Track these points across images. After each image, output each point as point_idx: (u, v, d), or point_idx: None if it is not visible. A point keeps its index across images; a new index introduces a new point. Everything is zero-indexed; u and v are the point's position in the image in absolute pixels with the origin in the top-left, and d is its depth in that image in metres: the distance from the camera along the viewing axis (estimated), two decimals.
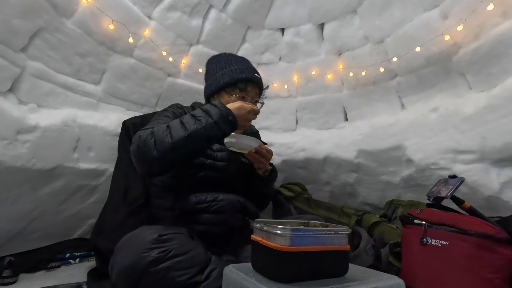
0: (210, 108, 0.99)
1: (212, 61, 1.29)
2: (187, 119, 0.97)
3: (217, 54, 1.33)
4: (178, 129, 0.95)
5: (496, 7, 1.33)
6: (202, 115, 0.97)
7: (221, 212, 1.07)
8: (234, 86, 1.17)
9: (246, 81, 1.17)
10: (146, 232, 0.86)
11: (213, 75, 1.22)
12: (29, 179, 1.28)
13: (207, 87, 1.24)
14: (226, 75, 1.18)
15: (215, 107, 0.99)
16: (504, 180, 1.32)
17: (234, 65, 1.21)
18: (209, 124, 0.95)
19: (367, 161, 1.79)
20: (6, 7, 1.18)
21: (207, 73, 1.28)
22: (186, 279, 0.83)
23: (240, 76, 1.17)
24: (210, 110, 0.98)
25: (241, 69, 1.20)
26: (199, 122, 0.96)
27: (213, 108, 0.99)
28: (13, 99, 1.28)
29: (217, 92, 1.20)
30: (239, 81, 1.17)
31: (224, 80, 1.17)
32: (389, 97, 1.82)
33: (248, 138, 1.05)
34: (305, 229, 0.71)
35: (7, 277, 1.24)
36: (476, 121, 1.38)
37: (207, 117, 0.96)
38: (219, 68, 1.22)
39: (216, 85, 1.19)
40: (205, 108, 1.00)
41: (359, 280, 0.68)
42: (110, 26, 1.53)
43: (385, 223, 1.45)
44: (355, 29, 1.87)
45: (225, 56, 1.28)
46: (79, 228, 1.67)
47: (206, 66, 1.32)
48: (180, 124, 0.96)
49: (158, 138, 0.95)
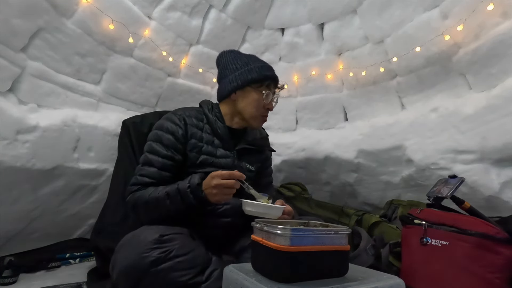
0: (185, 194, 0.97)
1: (228, 58, 1.23)
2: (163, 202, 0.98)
3: (228, 50, 1.27)
4: (156, 210, 1.00)
5: (496, 7, 1.33)
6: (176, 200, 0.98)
7: (225, 216, 1.07)
8: (261, 83, 1.16)
9: (272, 79, 1.18)
10: (147, 232, 0.86)
11: (236, 71, 1.17)
12: (29, 179, 1.28)
13: (229, 82, 1.18)
14: (253, 71, 1.15)
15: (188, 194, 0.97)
16: (504, 180, 1.32)
17: (258, 62, 1.21)
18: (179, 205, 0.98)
19: (367, 161, 1.79)
20: (6, 7, 1.18)
21: (225, 68, 1.21)
22: (187, 279, 0.83)
23: (268, 73, 1.17)
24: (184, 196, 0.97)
25: (267, 67, 1.20)
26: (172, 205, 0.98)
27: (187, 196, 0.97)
28: (13, 99, 1.28)
29: (242, 88, 1.16)
30: (267, 78, 1.16)
31: (252, 75, 1.15)
32: (389, 97, 1.82)
33: (270, 208, 0.97)
34: (305, 229, 0.71)
35: (7, 277, 1.24)
36: (476, 121, 1.38)
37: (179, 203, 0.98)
38: (243, 64, 1.18)
39: (243, 80, 1.15)
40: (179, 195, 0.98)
41: (359, 280, 0.68)
42: (110, 26, 1.53)
43: (385, 223, 1.45)
44: (355, 29, 1.87)
45: (242, 54, 1.24)
46: (79, 228, 1.67)
47: (220, 62, 1.25)
48: (156, 206, 0.99)
49: (143, 213, 1.02)
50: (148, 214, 1.01)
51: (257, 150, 1.24)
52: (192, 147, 1.09)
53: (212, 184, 0.92)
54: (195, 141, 1.10)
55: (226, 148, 1.14)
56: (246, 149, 1.18)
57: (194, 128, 1.12)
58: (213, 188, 0.92)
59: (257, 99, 1.14)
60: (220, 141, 1.14)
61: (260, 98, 1.14)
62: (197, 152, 1.09)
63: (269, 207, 0.96)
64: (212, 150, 1.11)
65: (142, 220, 1.01)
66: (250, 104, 1.15)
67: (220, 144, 1.14)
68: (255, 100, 1.14)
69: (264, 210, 0.96)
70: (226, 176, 0.92)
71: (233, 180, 0.92)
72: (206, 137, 1.13)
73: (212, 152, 1.11)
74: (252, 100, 1.15)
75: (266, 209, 0.96)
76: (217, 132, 1.14)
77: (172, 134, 1.08)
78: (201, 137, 1.12)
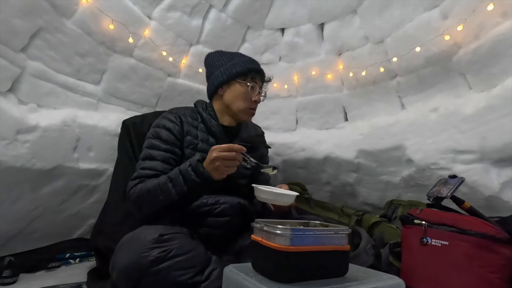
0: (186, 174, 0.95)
1: (214, 56, 1.29)
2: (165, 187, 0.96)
3: (215, 51, 1.33)
4: (162, 195, 0.97)
5: (496, 7, 1.32)
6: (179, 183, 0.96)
7: (223, 215, 1.07)
8: (246, 76, 1.20)
9: (256, 71, 1.22)
10: (147, 232, 0.86)
11: (221, 66, 1.23)
12: (29, 179, 1.28)
13: (215, 78, 1.23)
14: (237, 65, 1.20)
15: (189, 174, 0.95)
16: (504, 180, 1.32)
17: (243, 56, 1.26)
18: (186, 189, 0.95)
19: (367, 161, 1.79)
20: (6, 7, 1.18)
21: (211, 66, 1.27)
22: (187, 279, 0.83)
23: (251, 66, 1.22)
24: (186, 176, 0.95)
25: (251, 60, 1.25)
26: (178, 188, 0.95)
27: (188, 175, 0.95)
28: (13, 99, 1.28)
29: (228, 82, 1.20)
30: (251, 70, 1.20)
31: (236, 69, 1.19)
32: (389, 97, 1.82)
33: (284, 195, 0.96)
34: (305, 229, 0.71)
35: (7, 277, 1.24)
36: (476, 121, 1.38)
37: (183, 185, 0.95)
38: (227, 59, 1.24)
39: (228, 74, 1.20)
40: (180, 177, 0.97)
41: (359, 280, 0.68)
42: (110, 26, 1.53)
43: (385, 223, 1.45)
44: (355, 29, 1.87)
45: (227, 52, 1.30)
46: (79, 228, 1.67)
47: (207, 61, 1.31)
48: (159, 191, 0.97)
49: (146, 203, 1.00)
50: (150, 204, 0.99)
51: (253, 148, 1.25)
52: (188, 143, 1.12)
53: (212, 157, 0.91)
54: (190, 138, 1.14)
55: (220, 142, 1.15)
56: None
57: (189, 126, 1.16)
58: (213, 161, 0.91)
59: (243, 92, 1.18)
60: (215, 139, 1.17)
61: (246, 91, 1.18)
62: (192, 149, 1.12)
63: (281, 195, 0.96)
64: (207, 148, 1.11)
65: (144, 215, 1.00)
66: (236, 97, 1.18)
67: (214, 142, 1.16)
68: (241, 93, 1.18)
69: (275, 197, 0.95)
70: (225, 148, 0.91)
71: (233, 152, 0.91)
72: (201, 135, 1.16)
73: (207, 149, 1.11)
74: (238, 93, 1.18)
75: (278, 197, 0.95)
76: (211, 130, 1.17)
77: (169, 130, 1.12)
78: (196, 135, 1.15)
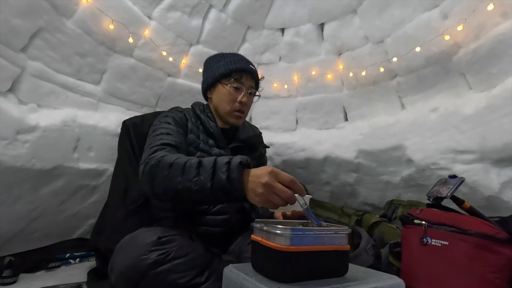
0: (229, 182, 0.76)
1: (208, 59, 1.30)
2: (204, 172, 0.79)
3: (214, 54, 1.33)
4: (191, 176, 0.79)
5: (496, 7, 1.33)
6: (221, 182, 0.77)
7: (222, 213, 1.07)
8: (229, 77, 1.16)
9: (240, 71, 1.17)
10: (146, 234, 0.86)
11: (209, 69, 1.23)
12: (29, 179, 1.27)
13: (203, 82, 1.25)
14: (221, 67, 1.18)
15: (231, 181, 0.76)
16: (504, 180, 1.32)
17: (228, 57, 1.22)
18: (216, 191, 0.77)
19: (367, 161, 1.79)
20: (6, 7, 1.18)
21: (204, 70, 1.28)
22: (186, 281, 0.82)
23: (234, 66, 1.17)
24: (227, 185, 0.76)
25: (235, 60, 1.20)
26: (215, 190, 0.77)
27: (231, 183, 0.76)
28: (13, 99, 1.28)
29: (213, 85, 1.20)
30: (233, 71, 1.16)
31: (219, 71, 1.17)
32: (389, 97, 1.82)
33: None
34: (305, 229, 0.71)
35: (7, 277, 1.24)
36: (476, 121, 1.38)
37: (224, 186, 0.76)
38: (214, 62, 1.22)
39: (212, 77, 1.19)
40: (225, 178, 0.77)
41: (359, 280, 0.67)
42: (110, 26, 1.53)
43: (385, 223, 1.45)
44: (355, 29, 1.87)
45: (220, 53, 1.29)
46: (79, 228, 1.66)
47: (204, 66, 1.32)
48: (195, 173, 0.80)
49: (160, 177, 0.84)
50: (165, 180, 0.83)
51: (251, 148, 1.26)
52: (191, 141, 1.12)
53: (263, 181, 0.71)
54: (194, 137, 1.13)
55: (220, 147, 1.16)
56: (240, 147, 1.20)
57: (193, 125, 1.16)
58: (261, 185, 0.71)
59: (227, 94, 1.16)
60: (214, 140, 1.17)
61: (230, 92, 1.15)
62: (195, 148, 1.11)
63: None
64: (207, 149, 1.13)
65: (154, 190, 0.87)
66: (221, 100, 1.17)
67: (213, 143, 1.16)
68: (225, 95, 1.16)
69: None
70: (285, 180, 0.72)
71: (290, 192, 0.71)
72: (201, 136, 1.16)
73: (207, 150, 1.13)
74: (222, 95, 1.17)
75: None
76: (210, 132, 1.17)
77: (177, 120, 1.12)
78: (198, 135, 1.15)
